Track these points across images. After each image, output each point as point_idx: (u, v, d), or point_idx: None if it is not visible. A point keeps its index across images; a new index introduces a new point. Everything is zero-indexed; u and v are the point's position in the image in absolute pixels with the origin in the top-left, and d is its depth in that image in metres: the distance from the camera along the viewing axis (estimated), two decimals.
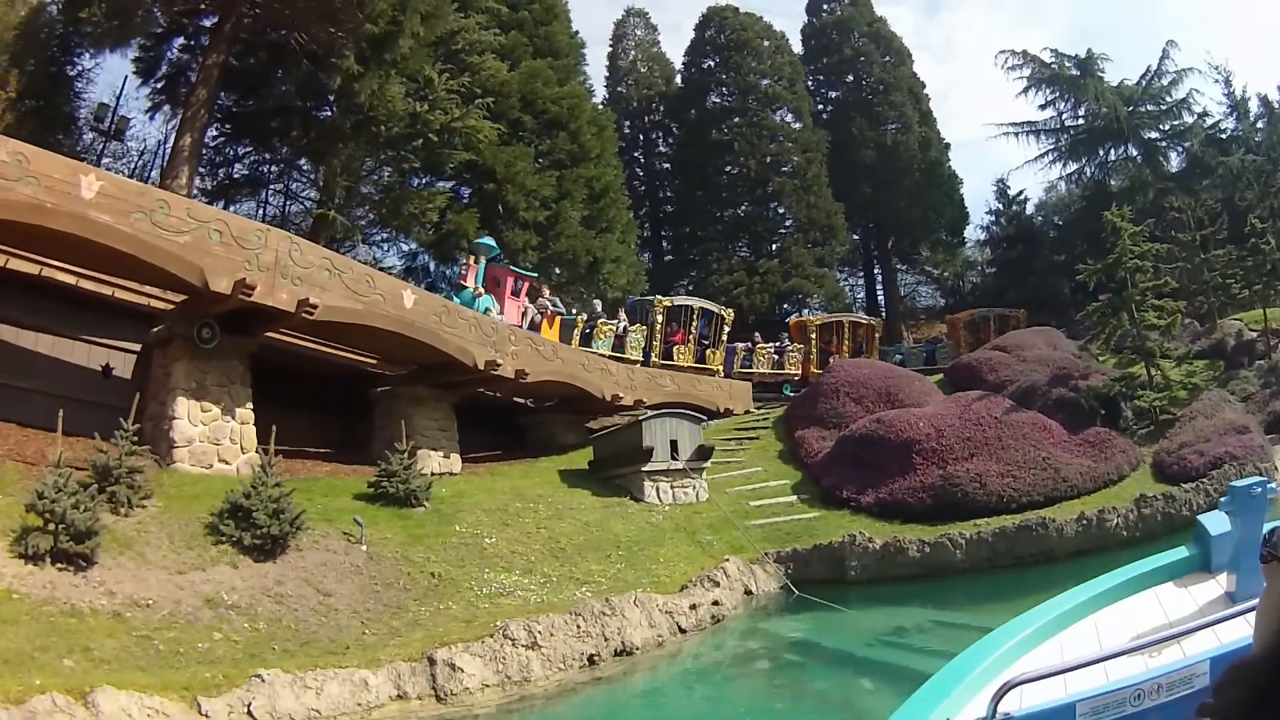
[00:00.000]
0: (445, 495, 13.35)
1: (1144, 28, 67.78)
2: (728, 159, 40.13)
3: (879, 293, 46.45)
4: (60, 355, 12.20)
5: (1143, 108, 37.61)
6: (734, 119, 40.16)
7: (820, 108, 44.89)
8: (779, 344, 27.97)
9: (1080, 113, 39.06)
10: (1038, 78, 39.13)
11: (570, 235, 27.91)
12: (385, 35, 19.63)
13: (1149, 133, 37.85)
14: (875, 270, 46.82)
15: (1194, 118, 36.79)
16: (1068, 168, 40.36)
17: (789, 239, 39.26)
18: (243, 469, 11.80)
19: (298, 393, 14.80)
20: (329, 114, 22.83)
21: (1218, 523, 5.09)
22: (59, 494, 8.00)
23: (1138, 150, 37.94)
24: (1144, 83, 37.83)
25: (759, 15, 42.89)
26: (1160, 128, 37.87)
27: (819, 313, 33.33)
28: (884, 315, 43.08)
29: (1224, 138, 35.72)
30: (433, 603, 9.93)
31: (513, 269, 21.23)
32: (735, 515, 15.54)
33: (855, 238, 44.53)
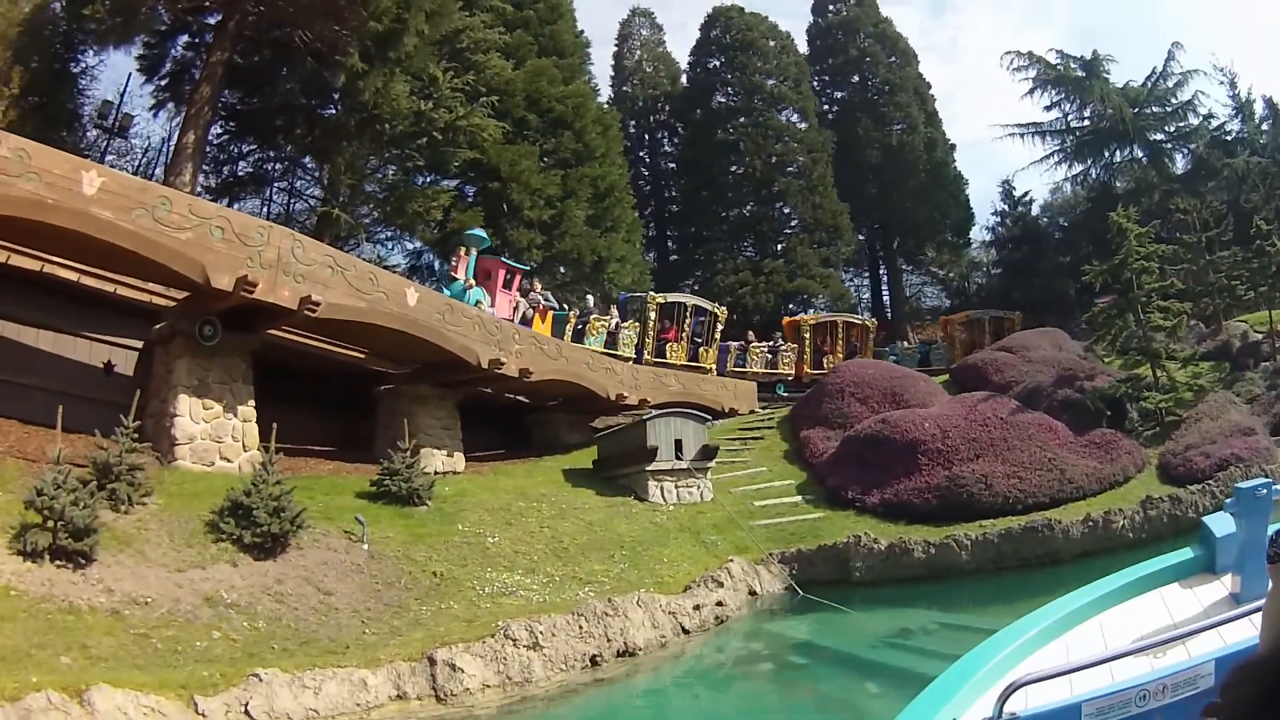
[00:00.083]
0: (448, 494, 13.28)
1: (1149, 30, 67.75)
2: (733, 159, 40.12)
3: (884, 293, 46.36)
4: (62, 352, 12.16)
5: (1148, 109, 37.47)
6: (739, 119, 40.13)
7: (826, 108, 44.83)
8: (773, 343, 27.70)
9: (1085, 114, 38.92)
10: (1043, 79, 39.00)
11: (575, 234, 27.86)
12: (390, 33, 19.60)
13: (1154, 134, 37.73)
14: (881, 271, 46.75)
15: (1199, 119, 36.73)
16: (1073, 169, 40.29)
17: (794, 239, 39.20)
18: (245, 467, 11.75)
19: (301, 390, 14.76)
20: (333, 112, 22.81)
21: (1223, 524, 5.10)
22: (58, 491, 7.94)
23: (1143, 152, 37.81)
24: (1149, 84, 37.70)
25: (764, 15, 42.93)
26: (1165, 129, 37.74)
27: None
28: (889, 316, 43.07)
29: (1229, 140, 35.62)
30: (434, 602, 9.86)
31: (504, 261, 20.83)
32: (740, 515, 15.46)
33: (860, 238, 44.45)
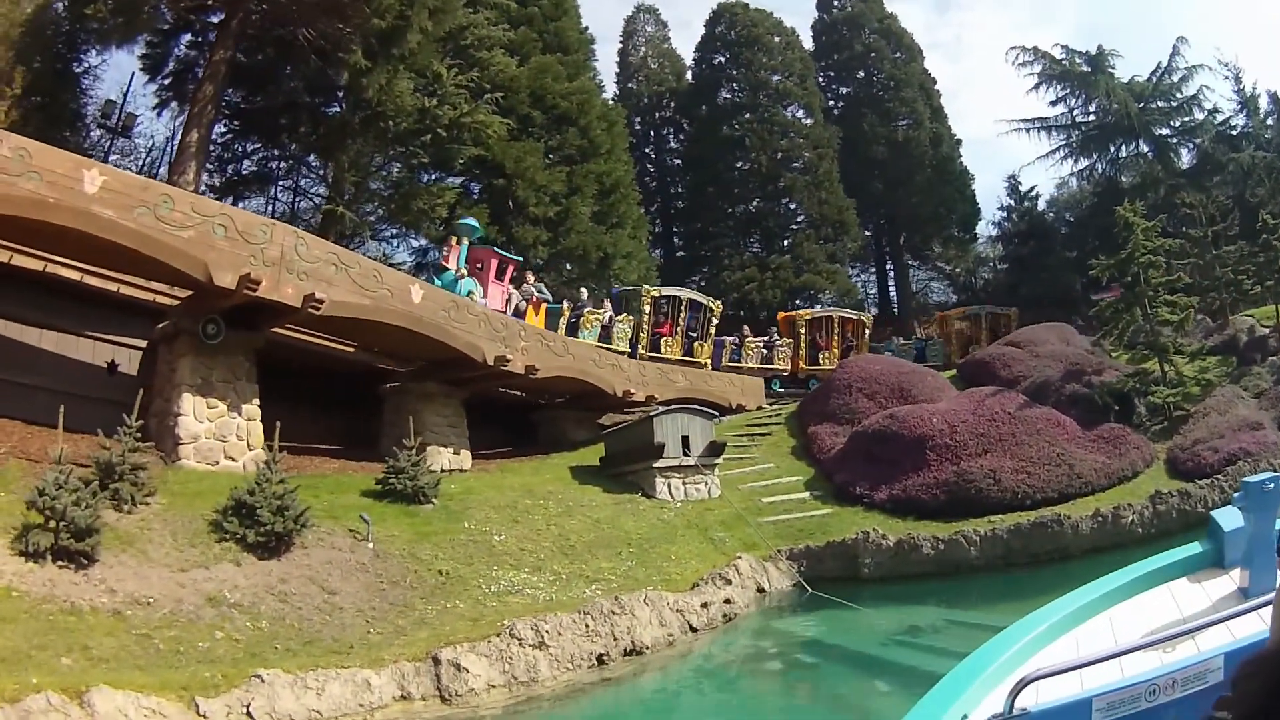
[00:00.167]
0: (454, 492, 13.20)
1: (1154, 25, 67.32)
2: (739, 155, 40.00)
3: (891, 289, 46.23)
4: (65, 352, 12.10)
5: (1153, 104, 37.32)
6: (745, 115, 40.04)
7: (831, 104, 44.70)
8: (768, 338, 27.30)
9: (1091, 109, 38.81)
10: (1049, 74, 38.88)
11: (580, 231, 27.79)
12: (393, 30, 19.52)
13: (1160, 129, 37.57)
14: (888, 266, 46.62)
15: (1204, 114, 36.56)
16: (1079, 164, 40.12)
17: (801, 235, 39.07)
18: (249, 466, 11.67)
19: (306, 389, 14.69)
20: (337, 109, 22.79)
21: (1231, 518, 5.08)
22: (60, 491, 7.88)
23: (1149, 147, 37.65)
24: (1154, 79, 37.54)
25: (769, 11, 42.83)
26: (1171, 124, 37.59)
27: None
28: (896, 311, 42.93)
29: (1234, 134, 35.48)
30: (439, 601, 9.78)
31: (497, 251, 20.22)
32: (748, 512, 15.36)
33: (867, 234, 44.32)
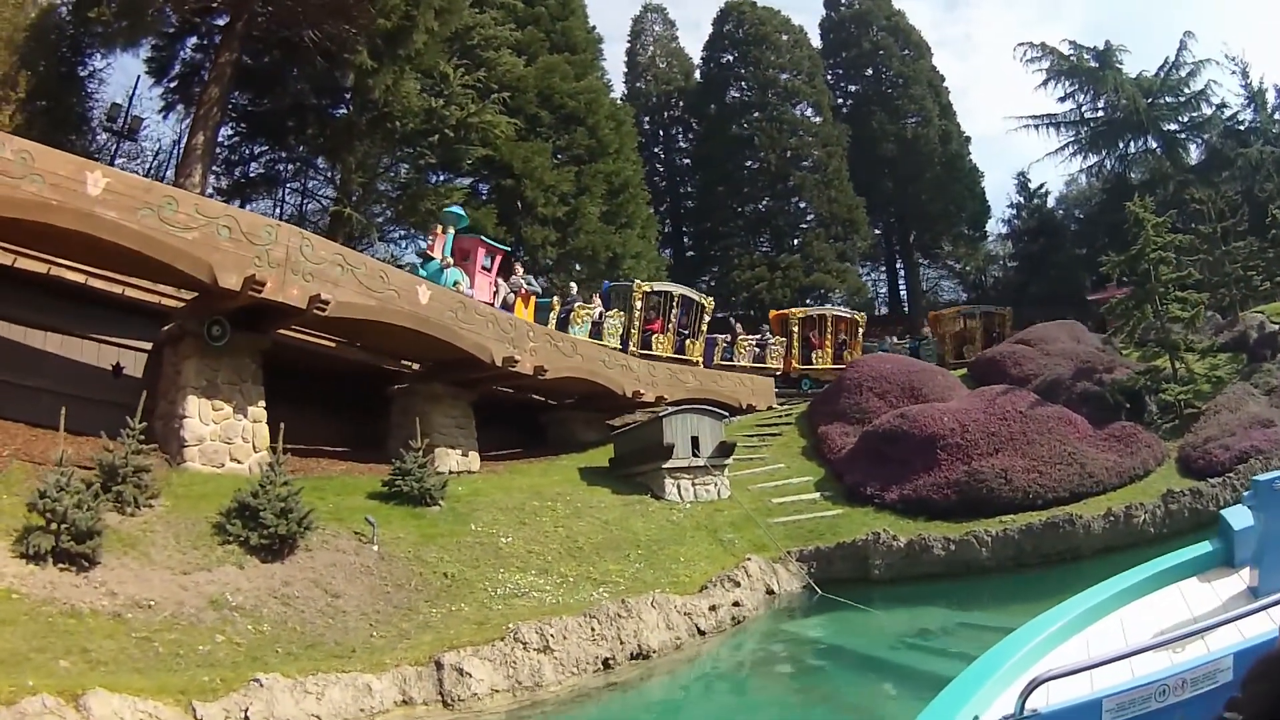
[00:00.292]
0: (461, 494, 13.10)
1: (1160, 20, 67.16)
2: (748, 154, 39.91)
3: (901, 287, 45.99)
4: (70, 354, 12.09)
5: (1161, 100, 37.05)
6: (754, 114, 39.93)
7: (840, 102, 44.57)
8: (761, 337, 26.99)
9: (1099, 105, 38.59)
10: (1057, 70, 38.67)
11: (590, 231, 27.70)
12: (398, 30, 19.48)
13: (1168, 125, 37.31)
14: (898, 265, 46.40)
15: (1212, 109, 36.30)
16: (1088, 160, 39.89)
17: (810, 234, 38.93)
18: (255, 468, 11.58)
19: (313, 390, 14.64)
20: (344, 111, 22.76)
21: (1240, 517, 5.13)
22: (61, 493, 7.82)
23: (1157, 142, 37.40)
24: (1162, 74, 37.29)
25: (777, 9, 42.71)
26: (1179, 119, 37.31)
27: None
28: (906, 310, 42.75)
29: (1242, 129, 35.26)
30: (444, 604, 9.68)
31: (484, 240, 19.50)
32: (757, 513, 15.22)
33: (877, 232, 44.18)
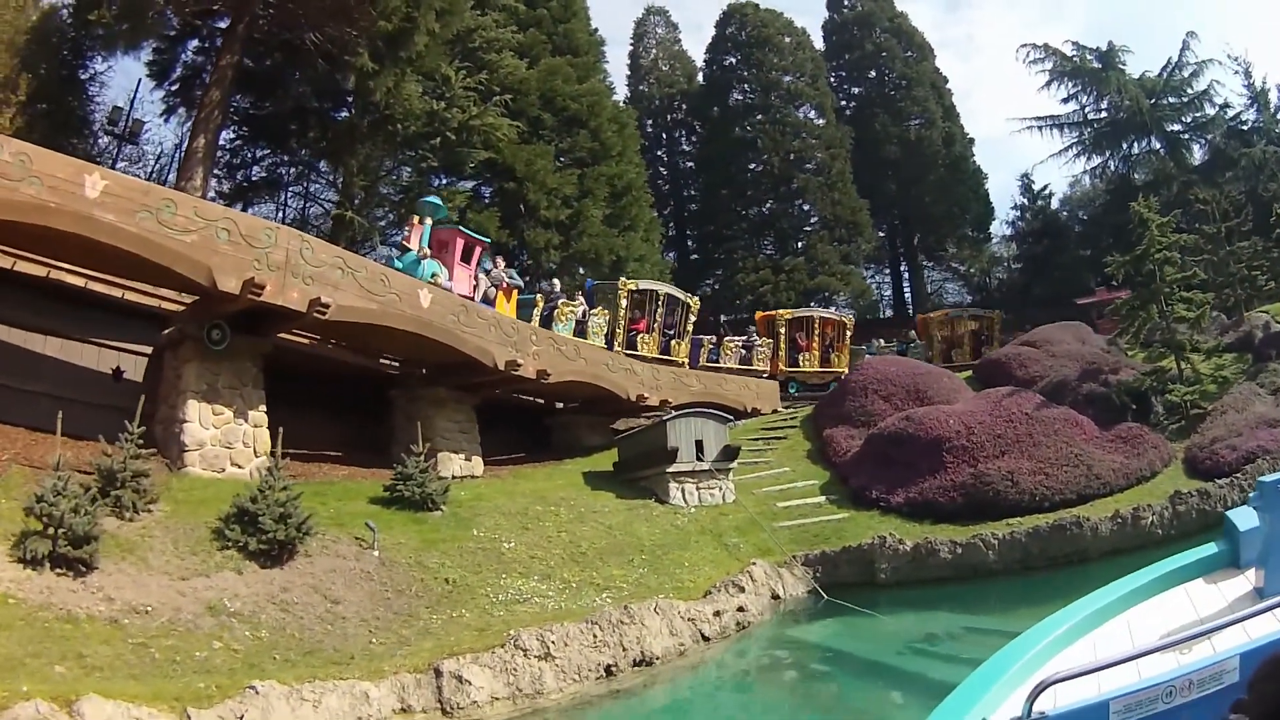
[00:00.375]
0: (464, 498, 13.01)
1: (1163, 21, 67.09)
2: (751, 156, 39.87)
3: (906, 289, 45.89)
4: (69, 358, 12.01)
5: (1164, 100, 37.04)
6: (757, 116, 39.89)
7: (843, 104, 44.55)
8: (747, 338, 26.72)
9: (1103, 106, 38.62)
10: (1060, 71, 38.70)
11: (592, 234, 27.63)
12: (399, 32, 19.43)
13: (1171, 125, 37.31)
14: (902, 267, 46.30)
15: (1215, 110, 36.29)
16: (1091, 161, 39.90)
17: (814, 236, 38.86)
18: (255, 473, 11.47)
19: (315, 394, 14.54)
20: (346, 114, 22.73)
21: (1246, 518, 5.14)
22: (58, 498, 7.74)
23: (1160, 143, 37.39)
24: (1165, 75, 37.26)
25: (780, 12, 42.81)
26: (1182, 120, 37.32)
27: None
28: (910, 312, 42.64)
29: (1246, 129, 35.25)
30: (445, 610, 9.57)
31: (463, 231, 18.59)
32: (762, 517, 15.12)
33: (881, 234, 44.14)
